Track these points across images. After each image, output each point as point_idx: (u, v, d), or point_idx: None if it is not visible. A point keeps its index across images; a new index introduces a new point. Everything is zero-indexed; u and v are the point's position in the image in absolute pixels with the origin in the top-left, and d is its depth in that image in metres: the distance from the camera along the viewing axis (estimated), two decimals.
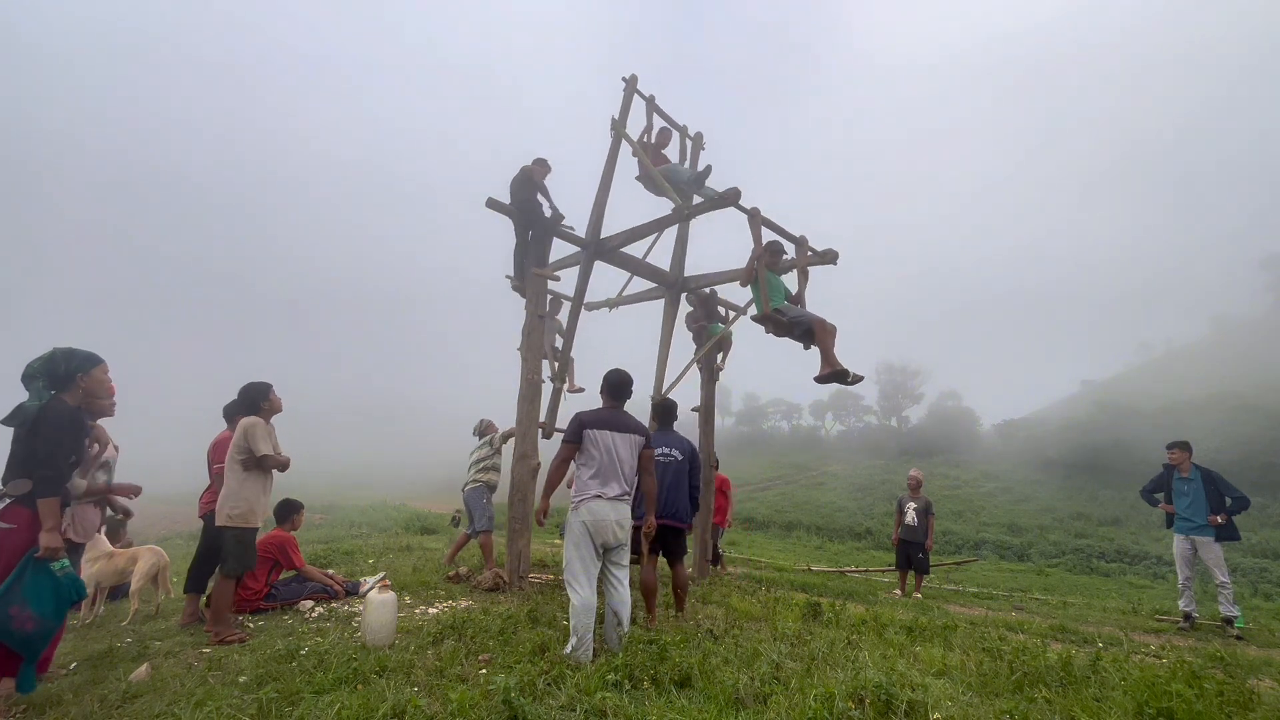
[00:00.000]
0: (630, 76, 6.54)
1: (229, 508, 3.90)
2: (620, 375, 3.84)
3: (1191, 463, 6.23)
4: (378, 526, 13.55)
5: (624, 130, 6.39)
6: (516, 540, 5.32)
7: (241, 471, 3.95)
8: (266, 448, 3.95)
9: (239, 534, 3.93)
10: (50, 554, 2.85)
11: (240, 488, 3.93)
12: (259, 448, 3.93)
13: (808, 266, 5.97)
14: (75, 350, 3.15)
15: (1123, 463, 27.37)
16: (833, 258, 5.99)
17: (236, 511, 3.90)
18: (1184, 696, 2.79)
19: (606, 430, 3.59)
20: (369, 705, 2.54)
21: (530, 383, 5.74)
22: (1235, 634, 5.75)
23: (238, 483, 3.94)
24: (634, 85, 6.54)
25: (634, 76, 6.55)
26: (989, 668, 3.36)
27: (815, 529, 23.62)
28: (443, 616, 4.21)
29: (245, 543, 3.97)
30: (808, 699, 2.60)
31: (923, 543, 7.70)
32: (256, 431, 3.96)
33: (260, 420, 4.05)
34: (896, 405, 57.86)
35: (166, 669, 3.31)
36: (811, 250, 6.06)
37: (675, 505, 4.31)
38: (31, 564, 2.85)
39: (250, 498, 3.96)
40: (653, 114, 6.83)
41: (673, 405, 4.91)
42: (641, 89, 6.61)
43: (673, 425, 4.76)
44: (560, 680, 2.87)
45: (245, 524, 3.94)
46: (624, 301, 7.76)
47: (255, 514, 4.00)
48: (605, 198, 6.47)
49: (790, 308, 5.12)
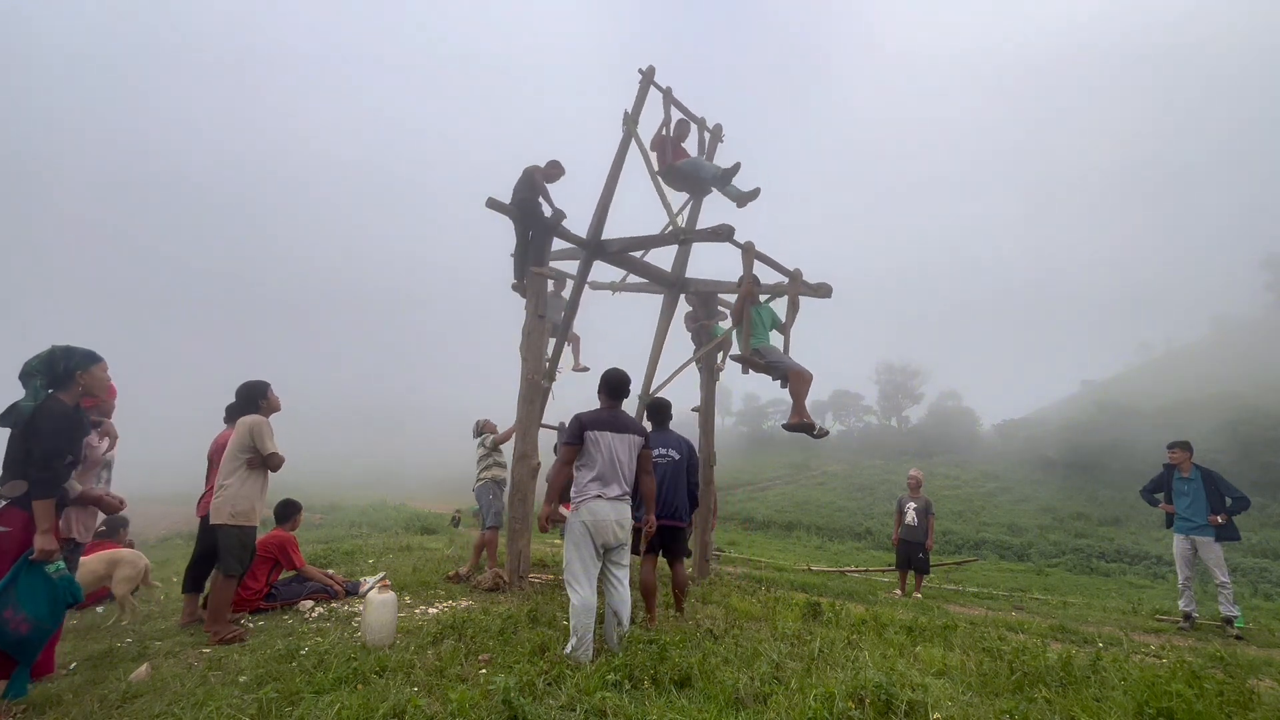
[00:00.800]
0: (647, 68, 6.36)
1: (231, 506, 3.88)
2: (618, 374, 3.84)
3: (1192, 463, 6.23)
4: (378, 526, 13.55)
5: (635, 126, 6.27)
6: (516, 540, 5.32)
7: (245, 471, 3.96)
8: (274, 446, 3.98)
9: (240, 533, 3.93)
10: (45, 556, 2.83)
11: (242, 487, 3.93)
12: (266, 446, 3.95)
13: (798, 297, 6.01)
14: (74, 348, 3.13)
15: (1123, 463, 27.36)
16: (826, 292, 6.01)
17: (239, 510, 3.89)
18: (1184, 696, 2.78)
19: (607, 431, 3.59)
20: (369, 705, 2.54)
21: (530, 383, 5.74)
22: (1235, 634, 5.75)
23: (240, 482, 3.93)
24: (650, 77, 6.37)
25: (651, 68, 6.36)
26: (989, 668, 3.36)
27: (815, 529, 23.62)
28: (443, 616, 4.21)
29: (245, 542, 3.97)
30: (808, 699, 2.60)
31: (923, 543, 7.72)
32: (263, 430, 3.97)
33: (265, 419, 4.06)
34: (896, 405, 57.84)
35: (166, 669, 3.31)
36: (805, 284, 6.08)
37: (674, 504, 4.32)
38: (26, 566, 2.83)
39: (251, 496, 3.96)
40: (670, 106, 6.62)
41: (666, 405, 4.87)
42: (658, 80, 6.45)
43: (668, 424, 4.74)
44: (560, 680, 2.87)
45: (246, 522, 3.94)
46: (626, 288, 7.68)
47: (256, 513, 4.00)
48: (610, 198, 6.40)
49: (770, 350, 5.12)
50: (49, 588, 2.86)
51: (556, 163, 6.46)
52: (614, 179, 6.34)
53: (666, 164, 6.51)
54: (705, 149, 7.26)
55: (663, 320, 7.37)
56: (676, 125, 6.66)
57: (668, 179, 6.58)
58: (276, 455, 3.97)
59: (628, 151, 6.32)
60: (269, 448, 3.94)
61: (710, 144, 7.34)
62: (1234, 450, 24.55)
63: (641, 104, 6.35)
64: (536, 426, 5.75)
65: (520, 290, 6.25)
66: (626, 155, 6.33)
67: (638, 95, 6.36)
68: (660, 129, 6.56)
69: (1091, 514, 24.08)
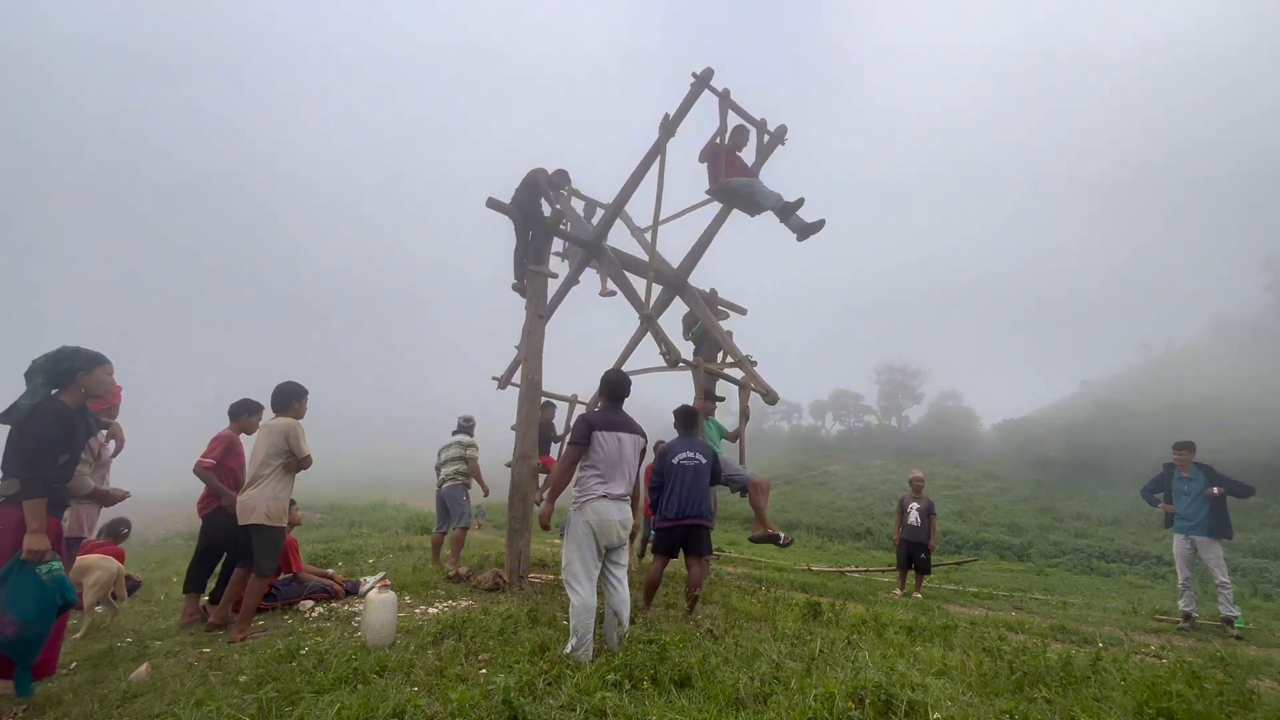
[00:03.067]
0: (702, 71, 5.72)
1: (266, 506, 3.90)
2: (618, 376, 3.89)
3: (1193, 463, 6.23)
4: (378, 526, 13.56)
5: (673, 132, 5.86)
6: (516, 540, 5.32)
7: (282, 473, 4.00)
8: (309, 449, 4.06)
9: (275, 533, 3.96)
10: (34, 557, 2.79)
11: (276, 488, 3.97)
12: (302, 449, 4.02)
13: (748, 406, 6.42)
14: (82, 349, 3.13)
15: (1123, 463, 27.33)
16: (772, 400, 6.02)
17: (273, 511, 3.93)
18: (1184, 696, 2.78)
19: (613, 431, 3.62)
20: (369, 705, 2.54)
21: (530, 383, 5.74)
22: (1235, 634, 5.75)
23: (274, 483, 3.97)
24: (706, 81, 5.73)
25: (708, 71, 5.72)
26: (989, 668, 3.36)
27: (815, 529, 23.64)
28: (443, 616, 4.21)
29: (278, 542, 4.01)
30: (808, 699, 2.59)
31: (924, 543, 7.69)
32: (299, 433, 4.05)
33: (299, 422, 4.12)
34: (896, 405, 57.85)
35: (166, 669, 3.31)
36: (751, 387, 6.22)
37: (699, 505, 4.44)
38: (17, 567, 2.79)
39: (283, 498, 4.02)
40: (728, 113, 5.96)
41: (694, 412, 5.05)
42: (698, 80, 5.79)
43: (694, 431, 4.94)
44: (560, 680, 2.87)
45: (279, 523, 3.98)
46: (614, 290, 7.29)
47: (284, 514, 4.05)
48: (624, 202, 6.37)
49: (729, 463, 5.25)
50: (38, 589, 2.80)
51: (563, 171, 6.48)
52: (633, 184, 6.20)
53: (719, 183, 5.91)
54: (762, 153, 6.53)
55: None
56: (733, 133, 6.05)
57: (720, 197, 6.13)
58: (311, 458, 4.06)
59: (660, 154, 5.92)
60: (305, 450, 4.03)
61: (768, 148, 6.59)
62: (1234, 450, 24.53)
63: (686, 110, 5.83)
64: (536, 426, 5.75)
65: (520, 290, 6.26)
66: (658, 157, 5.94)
67: (685, 100, 5.80)
68: (714, 138, 5.96)
69: (1091, 514, 24.08)
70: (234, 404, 4.69)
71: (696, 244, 6.94)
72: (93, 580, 4.37)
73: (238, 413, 4.66)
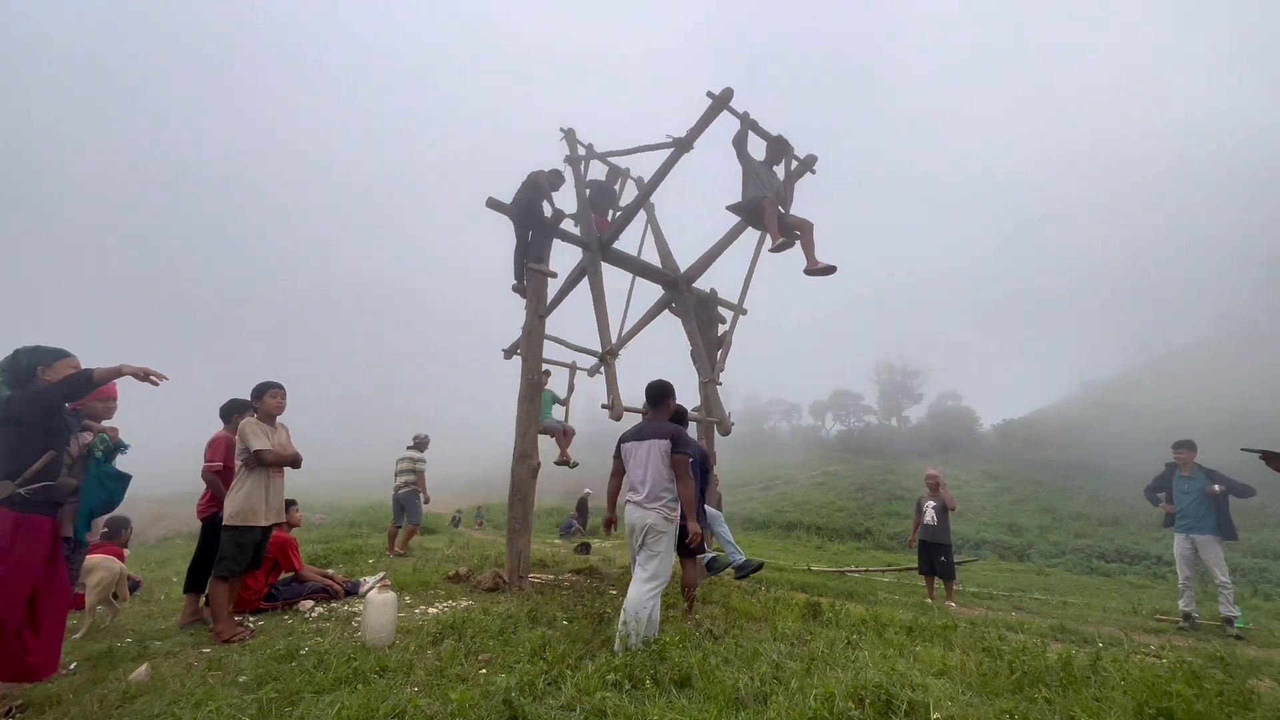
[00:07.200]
0: (721, 91, 5.50)
1: (230, 507, 3.94)
2: (653, 384, 4.15)
3: (1194, 463, 6.23)
4: (378, 526, 13.55)
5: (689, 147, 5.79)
6: (516, 540, 5.32)
7: (245, 472, 4.00)
8: (258, 443, 3.98)
9: (236, 534, 3.94)
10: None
11: (241, 488, 3.98)
12: (249, 445, 3.97)
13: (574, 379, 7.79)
14: (41, 345, 3.07)
15: (1123, 463, 27.38)
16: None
17: (234, 510, 3.93)
18: (1184, 696, 2.78)
19: (631, 442, 3.95)
20: (369, 705, 2.54)
21: (530, 383, 5.74)
22: (1235, 634, 5.75)
23: (238, 483, 4.00)
24: (725, 102, 5.53)
25: (728, 91, 5.50)
26: (989, 668, 3.35)
27: (815, 529, 23.64)
28: (443, 616, 4.21)
29: (241, 543, 3.96)
30: (808, 699, 2.59)
31: (943, 543, 7.39)
32: (245, 430, 4.01)
33: (251, 419, 4.10)
34: (896, 405, 57.92)
35: (166, 669, 3.30)
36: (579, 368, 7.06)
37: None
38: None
39: (251, 498, 3.98)
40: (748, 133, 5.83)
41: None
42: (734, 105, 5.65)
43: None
44: (560, 680, 2.87)
45: (243, 523, 3.95)
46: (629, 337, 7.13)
47: (255, 513, 3.99)
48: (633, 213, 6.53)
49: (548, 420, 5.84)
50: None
51: (558, 171, 6.56)
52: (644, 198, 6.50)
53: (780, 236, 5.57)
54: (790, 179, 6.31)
55: None
56: (771, 145, 5.98)
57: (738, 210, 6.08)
58: (264, 452, 3.98)
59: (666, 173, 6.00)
60: (252, 446, 3.97)
61: (797, 173, 6.51)
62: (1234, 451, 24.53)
63: (702, 129, 5.69)
64: (536, 426, 5.75)
65: (520, 291, 6.27)
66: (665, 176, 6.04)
67: (701, 119, 5.63)
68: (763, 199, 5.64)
69: (1091, 514, 24.10)
70: (224, 405, 4.68)
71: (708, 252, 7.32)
72: (95, 580, 4.37)
73: (229, 413, 4.66)
